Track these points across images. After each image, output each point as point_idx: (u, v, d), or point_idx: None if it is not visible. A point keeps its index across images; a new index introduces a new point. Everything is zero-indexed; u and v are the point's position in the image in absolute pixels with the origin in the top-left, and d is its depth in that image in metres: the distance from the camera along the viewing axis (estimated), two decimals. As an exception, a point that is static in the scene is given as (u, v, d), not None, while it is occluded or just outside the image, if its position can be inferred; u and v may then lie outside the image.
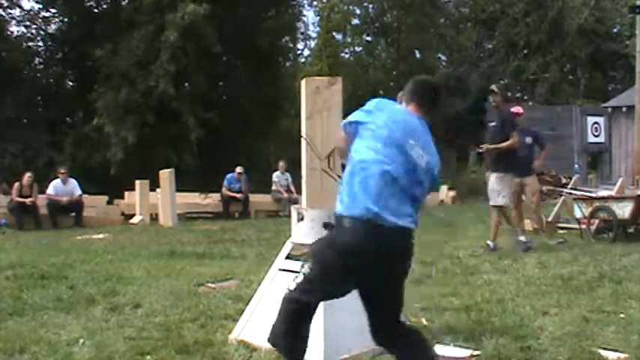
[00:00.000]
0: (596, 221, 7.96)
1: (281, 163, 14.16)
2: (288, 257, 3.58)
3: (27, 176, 11.78)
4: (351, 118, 2.69)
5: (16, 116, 17.71)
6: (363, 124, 2.61)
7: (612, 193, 9.39)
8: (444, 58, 26.87)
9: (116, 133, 15.52)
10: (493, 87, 7.62)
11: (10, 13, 18.61)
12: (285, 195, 13.53)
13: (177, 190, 12.13)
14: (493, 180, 7.13)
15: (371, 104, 2.69)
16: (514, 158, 7.23)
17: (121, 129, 15.46)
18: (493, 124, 7.34)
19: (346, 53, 26.00)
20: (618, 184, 10.21)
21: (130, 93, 15.51)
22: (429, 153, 2.64)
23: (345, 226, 2.54)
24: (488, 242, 7.12)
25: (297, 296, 2.67)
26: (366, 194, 2.51)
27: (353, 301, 3.42)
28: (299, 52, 26.19)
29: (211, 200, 13.60)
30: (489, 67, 25.79)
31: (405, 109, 2.73)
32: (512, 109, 8.54)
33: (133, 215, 12.34)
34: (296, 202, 11.18)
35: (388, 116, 2.61)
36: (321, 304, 3.25)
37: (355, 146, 2.61)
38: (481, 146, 7.36)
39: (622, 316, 4.09)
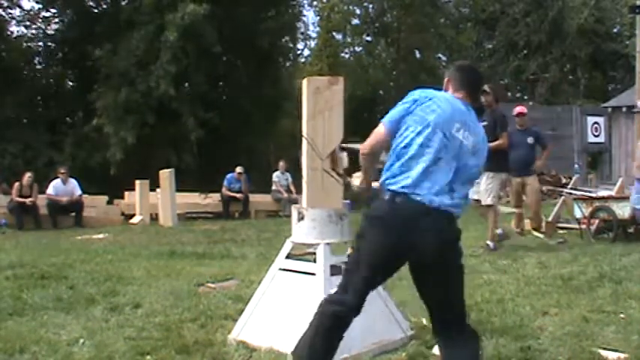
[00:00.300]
0: (596, 221, 7.96)
1: (281, 163, 14.17)
2: (288, 257, 3.58)
3: (27, 176, 11.79)
4: (395, 114, 2.67)
5: (16, 116, 17.68)
6: (410, 113, 2.63)
7: (612, 193, 9.40)
8: (444, 58, 26.84)
9: (115, 133, 15.51)
10: (485, 87, 7.58)
11: (10, 13, 18.58)
12: (285, 195, 13.53)
13: (177, 190, 12.14)
14: (484, 179, 7.13)
15: (415, 94, 2.69)
16: (505, 158, 7.27)
17: (120, 129, 15.45)
18: (484, 123, 7.31)
19: (346, 53, 25.98)
20: (618, 184, 10.20)
21: (129, 93, 15.49)
22: (476, 135, 2.67)
23: (386, 199, 2.58)
24: (488, 242, 7.12)
25: (338, 297, 2.64)
26: (413, 175, 2.55)
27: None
28: (299, 52, 26.18)
29: (211, 200, 13.60)
30: (489, 67, 25.79)
31: (451, 95, 2.75)
32: (517, 109, 8.56)
33: (133, 215, 12.34)
34: (296, 202, 11.18)
35: (433, 102, 2.62)
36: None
37: (404, 132, 2.62)
38: None
39: (622, 316, 4.09)
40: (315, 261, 3.41)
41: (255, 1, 17.67)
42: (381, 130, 2.69)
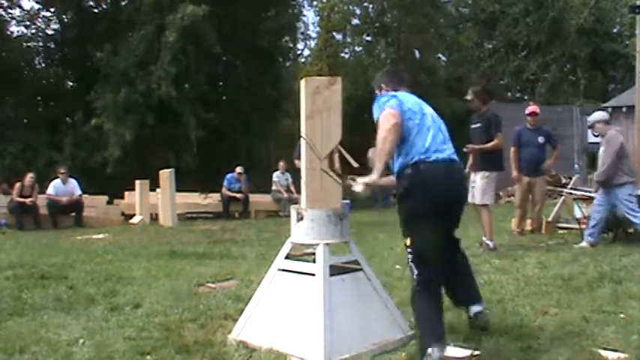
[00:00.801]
0: (597, 221, 7.93)
1: (281, 163, 14.16)
2: (287, 257, 3.58)
3: (29, 176, 11.79)
4: (400, 104, 3.33)
5: (16, 116, 17.69)
6: (405, 109, 3.35)
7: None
8: (443, 58, 26.85)
9: (115, 132, 15.50)
10: (468, 94, 7.44)
11: (10, 13, 18.58)
12: (285, 195, 13.54)
13: (177, 190, 12.14)
14: (479, 178, 7.12)
15: (394, 95, 3.42)
16: (500, 157, 7.27)
17: (119, 128, 15.45)
18: (478, 125, 7.29)
19: (346, 53, 25.95)
20: (618, 184, 10.15)
21: (129, 93, 15.49)
22: (431, 109, 3.56)
23: (422, 168, 3.26)
24: (487, 242, 7.10)
25: (420, 282, 3.24)
26: (423, 146, 3.30)
27: (353, 301, 3.44)
28: (299, 52, 26.21)
29: (211, 200, 13.61)
30: (489, 67, 25.79)
31: (406, 92, 3.55)
32: (529, 108, 8.53)
33: (133, 215, 12.35)
34: (296, 202, 11.18)
35: (409, 99, 3.45)
36: (321, 305, 3.27)
37: (404, 122, 3.31)
38: (467, 146, 7.25)
39: (622, 316, 4.08)
40: (314, 261, 3.41)
41: (255, 1, 17.67)
42: (394, 112, 3.26)
